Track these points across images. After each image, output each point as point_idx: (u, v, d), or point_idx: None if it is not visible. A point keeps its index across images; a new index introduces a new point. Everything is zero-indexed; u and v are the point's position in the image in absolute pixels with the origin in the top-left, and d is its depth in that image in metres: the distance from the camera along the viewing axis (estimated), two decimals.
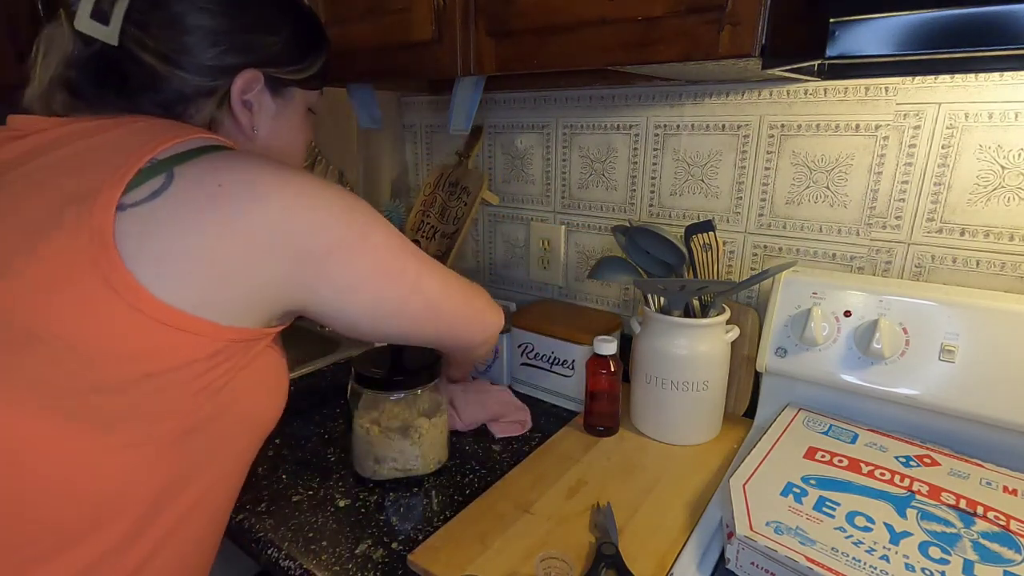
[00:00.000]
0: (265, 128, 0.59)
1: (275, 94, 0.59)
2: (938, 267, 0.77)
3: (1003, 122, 0.70)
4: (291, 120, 0.62)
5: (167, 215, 0.42)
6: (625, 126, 0.98)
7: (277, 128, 0.61)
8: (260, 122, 0.59)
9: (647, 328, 0.83)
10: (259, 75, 0.56)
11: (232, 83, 0.55)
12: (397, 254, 0.54)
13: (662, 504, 0.70)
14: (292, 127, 0.63)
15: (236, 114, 0.57)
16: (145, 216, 0.42)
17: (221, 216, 0.43)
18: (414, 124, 1.28)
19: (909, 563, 0.53)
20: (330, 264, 0.48)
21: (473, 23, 0.72)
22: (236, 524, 0.70)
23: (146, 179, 0.43)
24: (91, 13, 0.49)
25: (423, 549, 0.63)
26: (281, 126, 0.61)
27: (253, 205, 0.44)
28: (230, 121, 0.57)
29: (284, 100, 0.61)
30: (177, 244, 0.42)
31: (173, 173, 0.43)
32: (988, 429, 0.68)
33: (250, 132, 0.58)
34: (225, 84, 0.55)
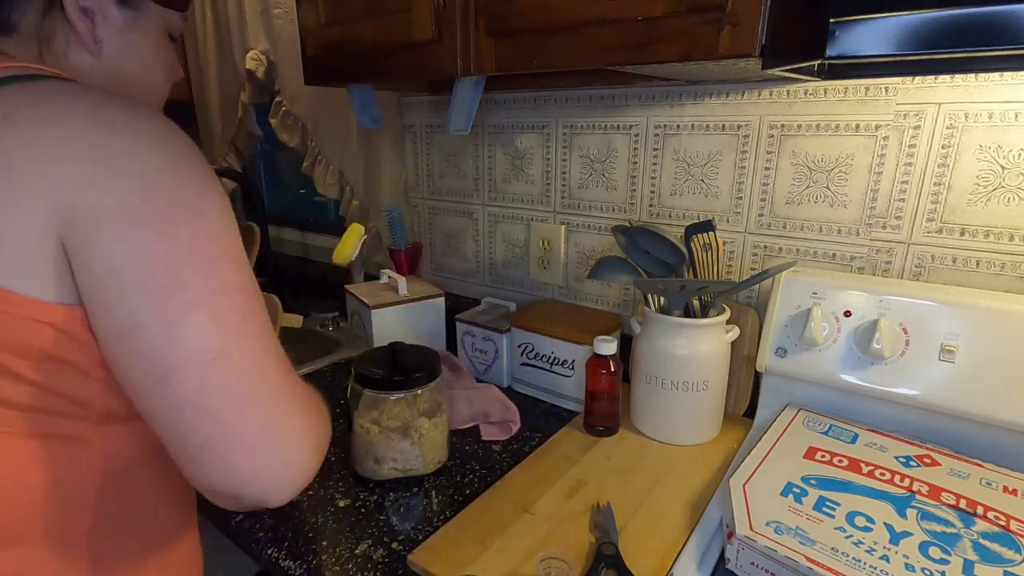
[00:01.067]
0: (111, 43, 0.50)
1: (123, 3, 0.50)
2: (938, 267, 0.77)
3: (1003, 122, 0.70)
4: (144, 39, 0.52)
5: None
6: (625, 126, 0.98)
7: (126, 46, 0.51)
8: (104, 35, 0.49)
9: (647, 328, 0.83)
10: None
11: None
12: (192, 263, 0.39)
13: (662, 504, 0.70)
14: (145, 49, 0.52)
15: (73, 23, 0.47)
16: None
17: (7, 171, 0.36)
18: (414, 124, 1.28)
19: (909, 563, 0.53)
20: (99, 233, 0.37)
21: (473, 23, 0.72)
22: (236, 524, 0.70)
23: None
24: None
25: (423, 549, 0.63)
26: (131, 44, 0.51)
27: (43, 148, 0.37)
28: (66, 32, 0.48)
29: (134, 13, 0.51)
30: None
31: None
32: (988, 429, 0.68)
33: (91, 45, 0.48)
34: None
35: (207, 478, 0.39)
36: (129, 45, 0.51)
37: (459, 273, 1.30)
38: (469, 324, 1.05)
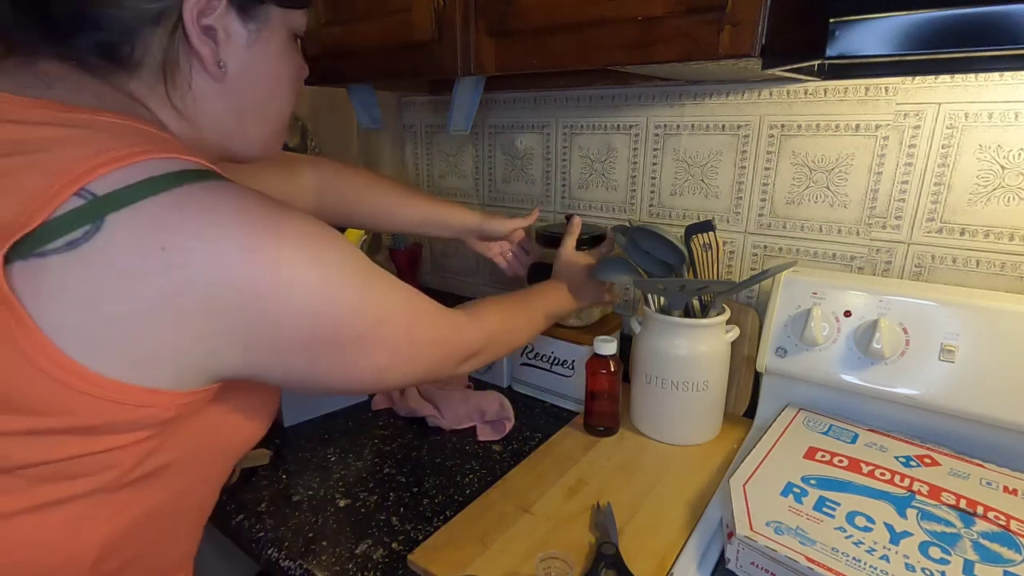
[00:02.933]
0: (236, 62, 0.46)
1: (245, 15, 0.45)
2: (938, 267, 0.77)
3: (1003, 122, 0.70)
4: (269, 50, 0.48)
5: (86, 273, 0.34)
6: (625, 126, 0.98)
7: (252, 61, 0.47)
8: (228, 55, 0.45)
9: (647, 328, 0.83)
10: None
11: (183, 2, 0.42)
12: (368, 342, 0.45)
13: (662, 504, 0.70)
14: (272, 59, 0.48)
15: (195, 47, 0.43)
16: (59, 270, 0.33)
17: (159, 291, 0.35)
18: (414, 124, 1.28)
19: (909, 563, 0.53)
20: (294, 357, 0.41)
21: (473, 23, 0.72)
22: (236, 524, 0.70)
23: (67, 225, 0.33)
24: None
25: (423, 549, 0.63)
26: (257, 58, 0.47)
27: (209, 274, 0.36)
28: (189, 59, 0.44)
29: (258, 24, 0.46)
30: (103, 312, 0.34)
31: (103, 221, 0.34)
32: (988, 429, 0.68)
33: (215, 69, 0.45)
34: (174, 4, 0.42)
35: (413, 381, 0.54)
36: (254, 61, 0.47)
37: (459, 273, 1.30)
38: None
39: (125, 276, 0.35)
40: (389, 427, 0.91)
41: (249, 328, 0.38)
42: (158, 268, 0.35)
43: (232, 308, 0.37)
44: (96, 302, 0.34)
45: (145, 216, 0.35)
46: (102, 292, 0.34)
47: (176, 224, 0.36)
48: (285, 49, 0.50)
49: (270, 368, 0.41)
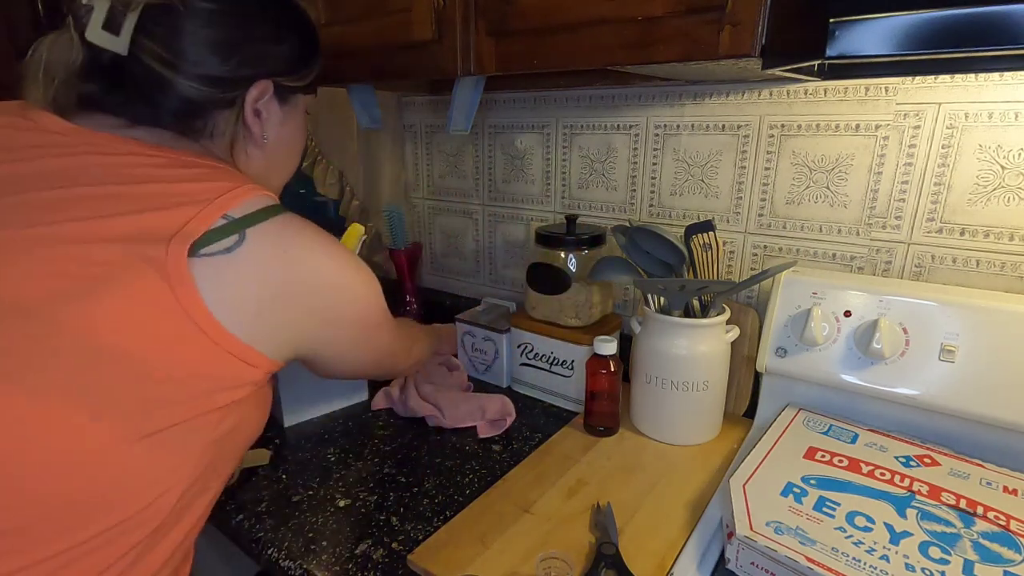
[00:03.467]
0: (273, 134, 0.62)
1: (282, 101, 0.62)
2: (938, 267, 0.77)
3: (1003, 122, 0.70)
4: (294, 124, 0.66)
5: (238, 268, 0.48)
6: (625, 126, 0.98)
7: (283, 134, 0.64)
8: (269, 130, 0.61)
9: (647, 328, 0.83)
10: (270, 84, 0.59)
11: (247, 93, 0.58)
12: (384, 327, 0.66)
13: (662, 504, 0.70)
14: (295, 130, 0.66)
15: (248, 123, 0.59)
16: (220, 266, 0.47)
17: (283, 277, 0.51)
18: (414, 124, 1.28)
19: (909, 563, 0.53)
20: (346, 331, 0.59)
21: (473, 23, 0.72)
22: (236, 524, 0.70)
23: (221, 235, 0.48)
24: (103, 24, 0.50)
25: (423, 549, 0.63)
26: (285, 132, 0.64)
27: (310, 272, 0.53)
28: (244, 134, 0.60)
29: (289, 106, 0.63)
30: (246, 293, 0.49)
31: (245, 235, 0.49)
32: (988, 429, 0.68)
33: (260, 140, 0.61)
34: (240, 95, 0.57)
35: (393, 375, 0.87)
36: (284, 133, 0.64)
37: (459, 273, 1.30)
38: (469, 324, 1.05)
39: (263, 270, 0.50)
40: (389, 427, 0.91)
41: (327, 307, 0.56)
42: (282, 265, 0.51)
43: (320, 292, 0.54)
44: (244, 289, 0.49)
45: (271, 231, 0.51)
46: (248, 281, 0.49)
47: (288, 236, 0.52)
48: (302, 123, 0.68)
49: (329, 340, 0.59)
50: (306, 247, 0.53)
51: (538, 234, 0.95)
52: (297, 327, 0.54)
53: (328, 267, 0.55)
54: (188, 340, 0.46)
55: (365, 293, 0.60)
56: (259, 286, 0.49)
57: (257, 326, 0.50)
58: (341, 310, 0.57)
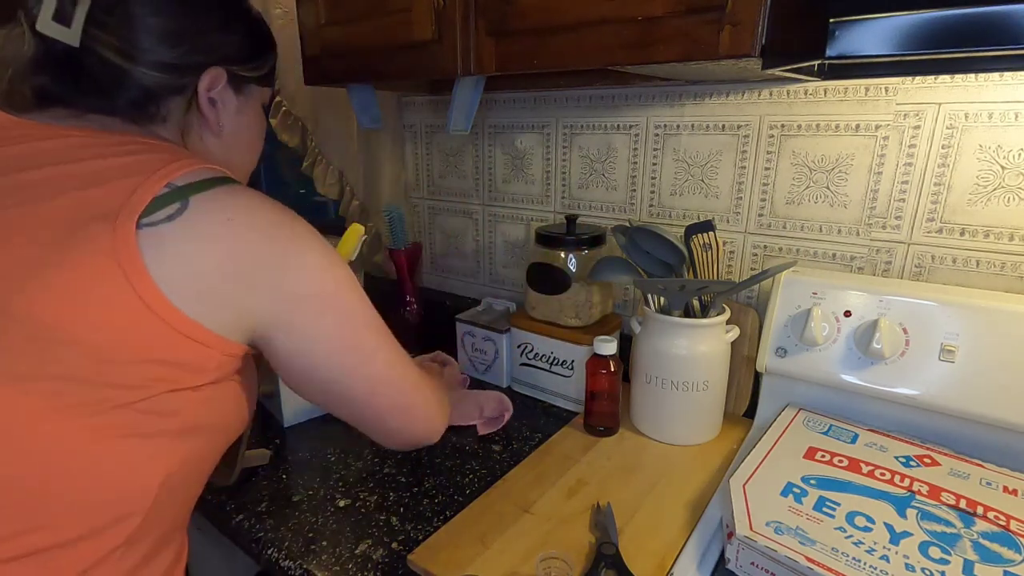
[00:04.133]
0: (229, 124, 0.62)
1: (236, 91, 0.62)
2: (938, 267, 0.77)
3: (1003, 122, 0.70)
4: (250, 116, 0.66)
5: (180, 237, 0.46)
6: (625, 126, 0.98)
7: (239, 124, 0.64)
8: (224, 119, 0.62)
9: (647, 328, 0.83)
10: (223, 72, 0.59)
11: (199, 81, 0.58)
12: (362, 322, 0.57)
13: (662, 504, 0.70)
14: (251, 122, 0.66)
15: (203, 111, 0.60)
16: (162, 235, 0.46)
17: (226, 246, 0.48)
18: (414, 124, 1.28)
19: (909, 563, 0.53)
20: (302, 309, 0.53)
21: (473, 23, 0.72)
22: (236, 524, 0.70)
23: (164, 203, 0.46)
24: (53, 15, 0.50)
25: (423, 549, 0.63)
26: (242, 122, 0.64)
27: (254, 242, 0.50)
28: (198, 121, 0.60)
29: (244, 97, 0.64)
30: (190, 264, 0.47)
31: (188, 201, 0.47)
32: (988, 429, 0.68)
33: (216, 128, 0.61)
34: (192, 82, 0.58)
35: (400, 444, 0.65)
36: (240, 124, 0.64)
37: (459, 273, 1.30)
38: (469, 324, 1.05)
39: (205, 238, 0.47)
40: None
41: (279, 273, 0.51)
42: (226, 232, 0.48)
43: (268, 259, 0.50)
44: (188, 259, 0.47)
45: (215, 199, 0.49)
46: (191, 252, 0.47)
47: (234, 203, 0.50)
48: (259, 115, 0.68)
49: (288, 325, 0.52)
50: (254, 214, 0.50)
51: (538, 234, 0.95)
52: (247, 303, 0.50)
53: (279, 236, 0.51)
54: (138, 321, 0.45)
55: (325, 270, 0.54)
56: (202, 257, 0.47)
57: (205, 302, 0.48)
58: (292, 287, 0.52)
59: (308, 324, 0.53)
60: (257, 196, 0.52)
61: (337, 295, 0.55)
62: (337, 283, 0.55)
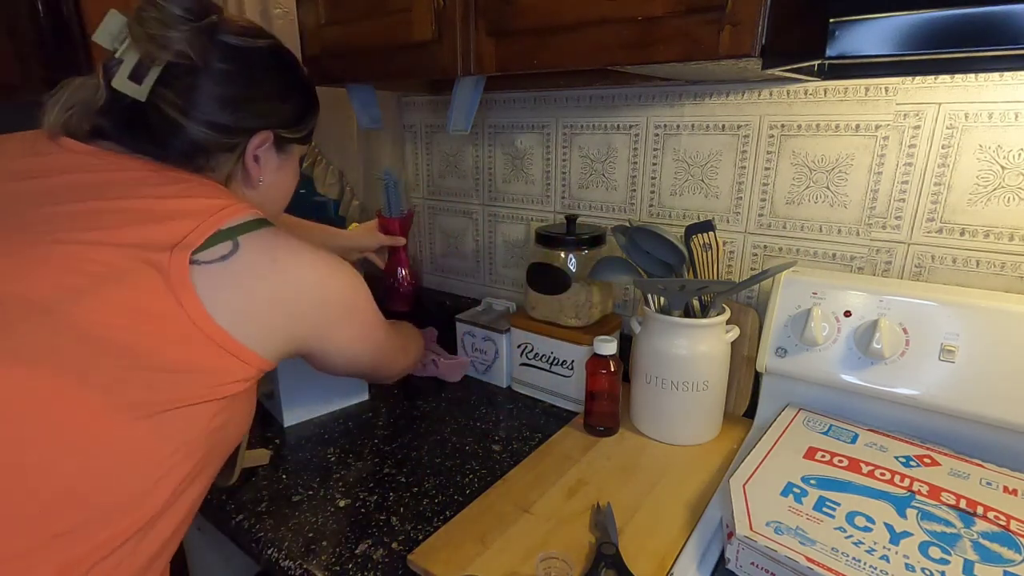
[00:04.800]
0: (268, 179, 0.68)
1: (279, 150, 0.69)
2: (938, 267, 0.77)
3: (1003, 122, 0.70)
4: (288, 170, 0.72)
5: (232, 275, 0.53)
6: (625, 126, 0.98)
7: (277, 178, 0.70)
8: (265, 175, 0.68)
9: (647, 328, 0.83)
10: (271, 135, 0.66)
11: (249, 142, 0.64)
12: (374, 326, 0.70)
13: (662, 504, 0.70)
14: (288, 176, 0.73)
15: (248, 167, 0.66)
16: (216, 273, 0.52)
17: (274, 283, 0.55)
18: (414, 124, 1.28)
19: (909, 563, 0.53)
20: (335, 328, 0.63)
21: (473, 23, 0.72)
22: (236, 524, 0.70)
23: (215, 243, 0.52)
24: (129, 74, 0.56)
25: (423, 549, 0.63)
26: (281, 176, 0.71)
27: (297, 279, 0.57)
28: (240, 172, 0.66)
29: (285, 155, 0.70)
30: (240, 298, 0.53)
31: (239, 243, 0.53)
32: (988, 429, 0.68)
33: (256, 183, 0.67)
34: (243, 142, 0.64)
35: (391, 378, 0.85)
36: (278, 179, 0.70)
37: (459, 273, 1.30)
38: (469, 324, 1.05)
39: (254, 276, 0.54)
40: (389, 427, 0.91)
41: (315, 310, 0.60)
42: (271, 272, 0.55)
43: (307, 296, 0.58)
44: (238, 293, 0.53)
45: (262, 240, 0.55)
46: (242, 288, 0.53)
47: (277, 245, 0.56)
48: (295, 169, 0.74)
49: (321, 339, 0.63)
50: (292, 254, 0.57)
51: (538, 234, 0.95)
52: (288, 330, 0.58)
53: (314, 273, 0.59)
54: (188, 338, 0.50)
55: (351, 295, 0.64)
56: (251, 292, 0.54)
57: (251, 327, 0.54)
58: (328, 312, 0.61)
59: (342, 336, 0.65)
60: (293, 238, 0.59)
61: (360, 309, 0.66)
62: (356, 298, 0.65)
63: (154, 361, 0.49)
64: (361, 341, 0.68)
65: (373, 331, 0.69)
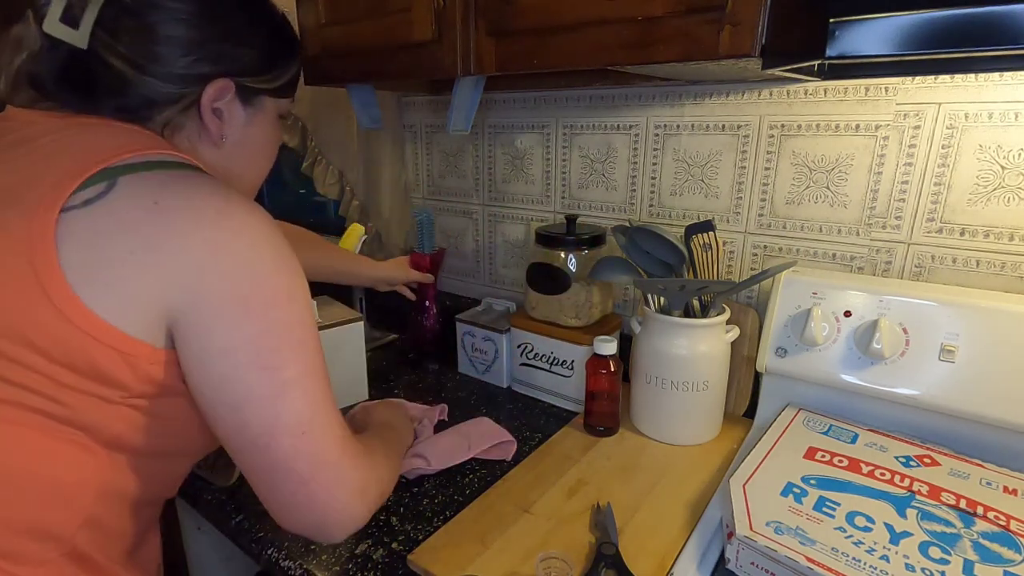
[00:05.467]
0: (235, 136, 0.59)
1: (246, 103, 0.59)
2: (938, 267, 0.77)
3: (1003, 122, 0.70)
4: (262, 127, 0.61)
5: (98, 224, 0.43)
6: (625, 126, 0.98)
7: (247, 136, 0.60)
8: (229, 131, 0.58)
9: (647, 328, 0.83)
10: (231, 84, 0.56)
11: (203, 91, 0.54)
12: (291, 344, 0.47)
13: (662, 504, 0.70)
14: (262, 134, 0.62)
15: (205, 122, 0.56)
16: (80, 221, 0.42)
17: (144, 236, 0.43)
18: (414, 124, 1.28)
19: (909, 563, 0.53)
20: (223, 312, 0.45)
21: (473, 23, 0.72)
22: (236, 524, 0.70)
23: (91, 184, 0.43)
24: (61, 16, 0.48)
25: (423, 549, 0.63)
26: (251, 134, 0.60)
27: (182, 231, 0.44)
28: (195, 126, 0.56)
29: (255, 108, 0.60)
30: (103, 254, 0.43)
31: (116, 182, 0.44)
32: (988, 429, 0.68)
33: (218, 140, 0.57)
34: (194, 92, 0.54)
35: (288, 522, 0.50)
36: (247, 136, 0.60)
37: (459, 273, 1.30)
38: (469, 324, 1.05)
39: (123, 223, 0.43)
40: None
41: (205, 277, 0.44)
42: (148, 217, 0.44)
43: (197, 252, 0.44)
44: (99, 246, 0.42)
45: (149, 181, 0.45)
46: (104, 238, 0.43)
47: (170, 188, 0.45)
48: (274, 126, 0.63)
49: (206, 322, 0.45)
50: (191, 199, 0.45)
51: (538, 234, 0.95)
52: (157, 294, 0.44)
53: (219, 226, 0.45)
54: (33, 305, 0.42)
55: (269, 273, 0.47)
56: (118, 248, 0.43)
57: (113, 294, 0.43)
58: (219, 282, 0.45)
59: (225, 329, 0.45)
60: (210, 184, 0.47)
61: (271, 304, 0.46)
62: (276, 291, 0.47)
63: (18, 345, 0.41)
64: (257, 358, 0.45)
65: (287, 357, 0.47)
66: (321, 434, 0.48)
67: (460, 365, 1.09)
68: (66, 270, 0.42)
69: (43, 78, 0.51)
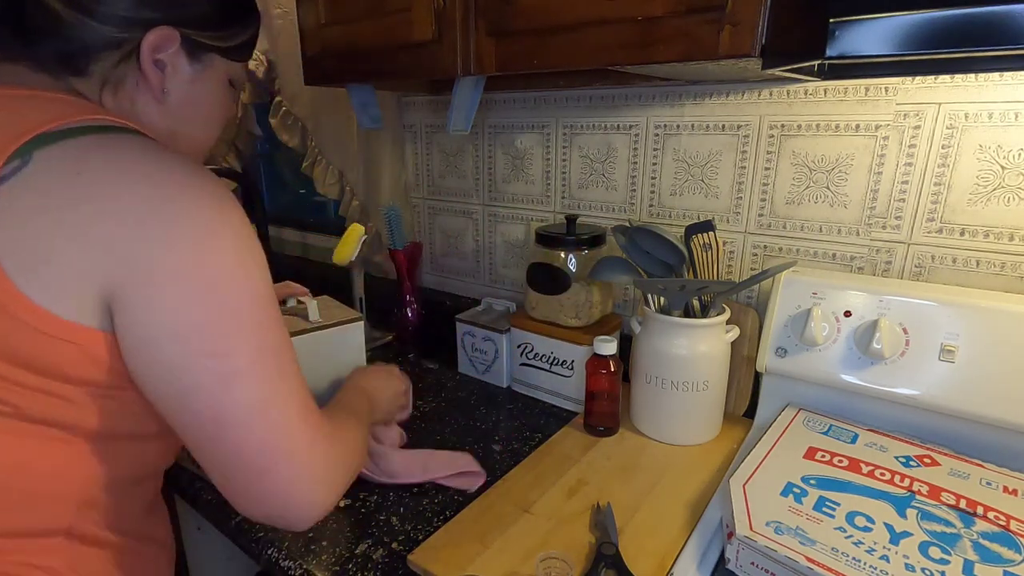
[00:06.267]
0: (178, 93, 0.54)
1: (192, 58, 0.54)
2: (938, 267, 0.77)
3: (1003, 122, 0.70)
4: (208, 88, 0.57)
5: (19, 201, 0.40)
6: (625, 126, 0.98)
7: (192, 95, 0.55)
8: (172, 86, 0.54)
9: (647, 328, 0.83)
10: (175, 34, 0.52)
11: (143, 38, 0.50)
12: (240, 326, 0.43)
13: (662, 504, 0.70)
14: (209, 96, 0.57)
15: (146, 73, 0.52)
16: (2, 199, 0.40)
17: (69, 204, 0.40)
18: (414, 124, 1.28)
19: (909, 563, 0.53)
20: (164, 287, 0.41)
21: (473, 23, 0.72)
22: (236, 524, 0.70)
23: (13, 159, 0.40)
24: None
25: (423, 549, 0.63)
26: (197, 93, 0.56)
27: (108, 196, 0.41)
28: (136, 79, 0.52)
29: (202, 65, 0.55)
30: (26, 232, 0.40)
31: (31, 156, 0.40)
32: (988, 429, 0.68)
33: (159, 94, 0.53)
34: (135, 38, 0.50)
35: (247, 511, 0.47)
36: (193, 94, 0.56)
37: (459, 273, 1.30)
38: (469, 324, 1.05)
39: (45, 196, 0.40)
40: None
41: (138, 245, 0.41)
42: (71, 188, 0.40)
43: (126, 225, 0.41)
44: (20, 223, 0.40)
45: (70, 150, 0.41)
46: (26, 214, 0.40)
47: (93, 153, 0.41)
48: (223, 90, 0.59)
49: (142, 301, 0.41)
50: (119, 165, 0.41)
51: (538, 234, 0.95)
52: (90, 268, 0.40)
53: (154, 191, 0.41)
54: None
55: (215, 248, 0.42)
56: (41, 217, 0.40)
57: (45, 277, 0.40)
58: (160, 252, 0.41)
59: (166, 309, 0.41)
60: (140, 145, 0.43)
61: (218, 278, 0.42)
62: (222, 263, 0.43)
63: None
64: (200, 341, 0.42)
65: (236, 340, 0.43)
66: (278, 423, 0.44)
67: (460, 365, 1.09)
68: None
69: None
